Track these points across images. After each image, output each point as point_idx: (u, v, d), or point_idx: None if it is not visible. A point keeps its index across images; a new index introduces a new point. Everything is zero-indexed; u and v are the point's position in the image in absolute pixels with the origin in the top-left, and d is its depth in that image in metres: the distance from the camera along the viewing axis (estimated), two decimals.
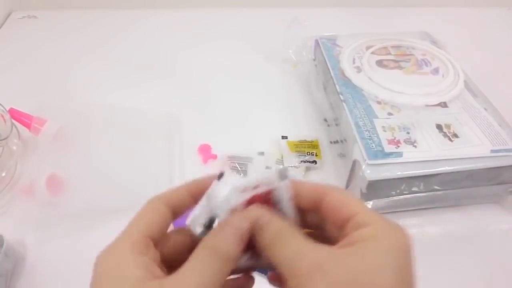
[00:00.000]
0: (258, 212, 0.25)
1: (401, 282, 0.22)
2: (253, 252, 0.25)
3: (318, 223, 0.27)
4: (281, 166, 0.51)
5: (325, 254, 0.22)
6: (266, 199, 0.26)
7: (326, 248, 0.23)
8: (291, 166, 0.55)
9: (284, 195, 0.26)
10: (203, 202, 0.26)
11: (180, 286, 0.21)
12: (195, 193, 0.27)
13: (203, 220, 0.25)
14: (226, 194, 0.25)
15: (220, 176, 0.26)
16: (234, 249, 0.23)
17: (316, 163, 0.56)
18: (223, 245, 0.23)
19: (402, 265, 0.22)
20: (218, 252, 0.23)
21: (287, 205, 0.26)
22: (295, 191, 0.26)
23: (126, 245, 0.23)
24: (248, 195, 0.25)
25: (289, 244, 0.23)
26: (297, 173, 0.54)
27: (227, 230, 0.24)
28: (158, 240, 0.25)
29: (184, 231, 0.27)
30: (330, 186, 0.26)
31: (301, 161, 0.56)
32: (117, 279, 0.22)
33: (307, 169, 0.56)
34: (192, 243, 0.25)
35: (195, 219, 0.25)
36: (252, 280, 0.28)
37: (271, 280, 0.27)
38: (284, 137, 0.59)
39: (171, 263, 0.25)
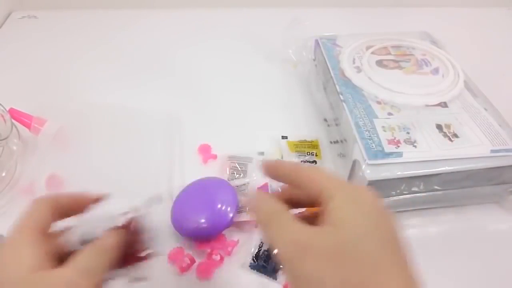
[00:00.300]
0: (258, 195, 0.30)
1: (381, 238, 0.24)
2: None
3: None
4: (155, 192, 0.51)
5: (307, 233, 0.25)
6: (131, 227, 0.31)
7: (311, 229, 0.25)
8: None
9: (147, 223, 0.31)
10: (79, 222, 0.31)
11: (68, 276, 0.25)
12: (78, 203, 0.32)
13: (76, 237, 0.30)
14: (95, 221, 0.31)
15: (97, 201, 0.32)
16: (98, 265, 0.27)
17: (316, 163, 0.56)
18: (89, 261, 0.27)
19: (375, 222, 0.24)
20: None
21: (152, 234, 0.32)
22: (275, 170, 0.31)
23: (22, 239, 0.26)
24: (115, 223, 0.31)
25: (281, 226, 0.26)
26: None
27: (92, 249, 0.28)
28: (47, 235, 0.28)
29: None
30: (302, 165, 0.31)
31: (301, 161, 0.56)
32: (13, 268, 0.24)
33: None
34: None
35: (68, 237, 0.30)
36: None
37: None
38: (284, 137, 0.59)
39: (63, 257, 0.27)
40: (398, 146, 0.47)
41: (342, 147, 0.55)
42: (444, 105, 0.53)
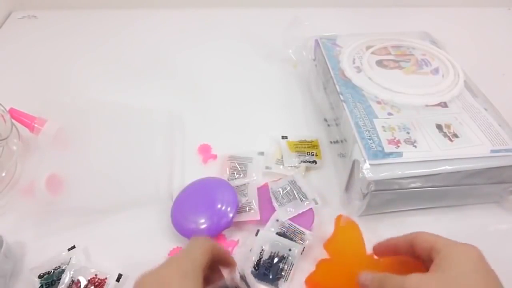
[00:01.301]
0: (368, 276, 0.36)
1: (485, 282, 0.30)
2: None
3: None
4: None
5: (421, 279, 0.31)
6: None
7: (421, 275, 0.32)
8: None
9: None
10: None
11: None
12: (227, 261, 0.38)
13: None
14: None
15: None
16: None
17: (316, 163, 0.56)
18: None
19: (477, 269, 0.31)
20: None
21: None
22: (397, 244, 0.38)
23: (172, 269, 0.29)
24: None
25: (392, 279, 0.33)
26: (298, 172, 0.54)
27: None
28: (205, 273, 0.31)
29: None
30: (418, 232, 0.36)
31: (301, 161, 0.56)
32: None
33: (307, 169, 0.56)
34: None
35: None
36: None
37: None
38: (284, 137, 0.59)
39: None
40: (398, 146, 0.47)
41: (342, 147, 0.55)
42: (444, 105, 0.53)
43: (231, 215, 0.47)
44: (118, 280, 0.43)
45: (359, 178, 0.46)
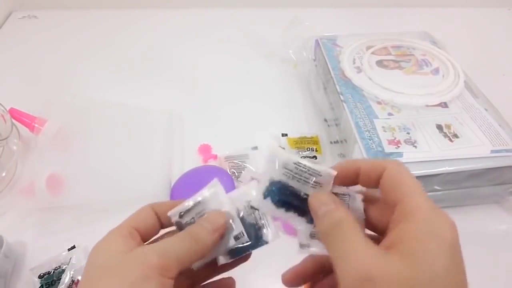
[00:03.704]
0: (324, 197, 0.26)
1: (456, 283, 0.21)
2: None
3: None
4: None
5: (375, 261, 0.21)
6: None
7: (376, 254, 0.22)
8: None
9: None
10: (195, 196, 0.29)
11: (147, 249, 0.25)
12: None
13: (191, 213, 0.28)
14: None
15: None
16: (207, 236, 0.26)
17: (316, 158, 0.56)
18: (199, 231, 0.26)
19: (453, 266, 0.21)
20: (192, 235, 0.26)
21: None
22: (355, 167, 0.27)
23: (115, 231, 0.27)
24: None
25: (344, 241, 0.23)
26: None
27: (204, 221, 0.27)
28: (144, 235, 0.28)
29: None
30: (390, 160, 0.25)
31: (302, 157, 0.56)
32: (101, 252, 0.26)
33: None
34: None
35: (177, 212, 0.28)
36: (233, 282, 0.31)
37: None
38: (284, 135, 0.60)
39: None
40: (398, 147, 0.47)
41: (342, 147, 0.55)
42: (444, 105, 0.53)
43: None
44: None
45: None
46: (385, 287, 0.20)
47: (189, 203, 0.28)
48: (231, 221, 0.28)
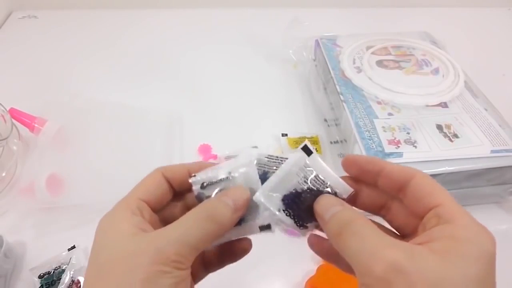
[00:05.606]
0: (328, 200, 0.25)
1: None
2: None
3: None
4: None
5: (403, 253, 0.19)
6: None
7: (403, 245, 0.20)
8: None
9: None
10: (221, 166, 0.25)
11: (162, 239, 0.22)
12: (194, 171, 0.27)
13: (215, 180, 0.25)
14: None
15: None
16: (227, 215, 0.23)
17: None
18: (219, 209, 0.23)
19: (487, 277, 0.21)
20: (211, 214, 0.23)
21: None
22: (382, 170, 0.25)
23: (122, 206, 0.25)
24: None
25: (361, 236, 0.21)
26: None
27: (226, 197, 0.24)
28: (155, 205, 0.26)
29: (188, 200, 0.27)
30: (418, 170, 0.24)
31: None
32: (109, 233, 0.23)
33: None
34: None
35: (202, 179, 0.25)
36: (249, 243, 0.28)
37: (312, 245, 0.27)
38: (284, 135, 0.60)
39: None
40: (398, 147, 0.47)
41: (342, 147, 0.55)
42: (444, 105, 0.53)
43: None
44: None
45: None
46: (420, 280, 0.19)
47: (219, 173, 0.24)
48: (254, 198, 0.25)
